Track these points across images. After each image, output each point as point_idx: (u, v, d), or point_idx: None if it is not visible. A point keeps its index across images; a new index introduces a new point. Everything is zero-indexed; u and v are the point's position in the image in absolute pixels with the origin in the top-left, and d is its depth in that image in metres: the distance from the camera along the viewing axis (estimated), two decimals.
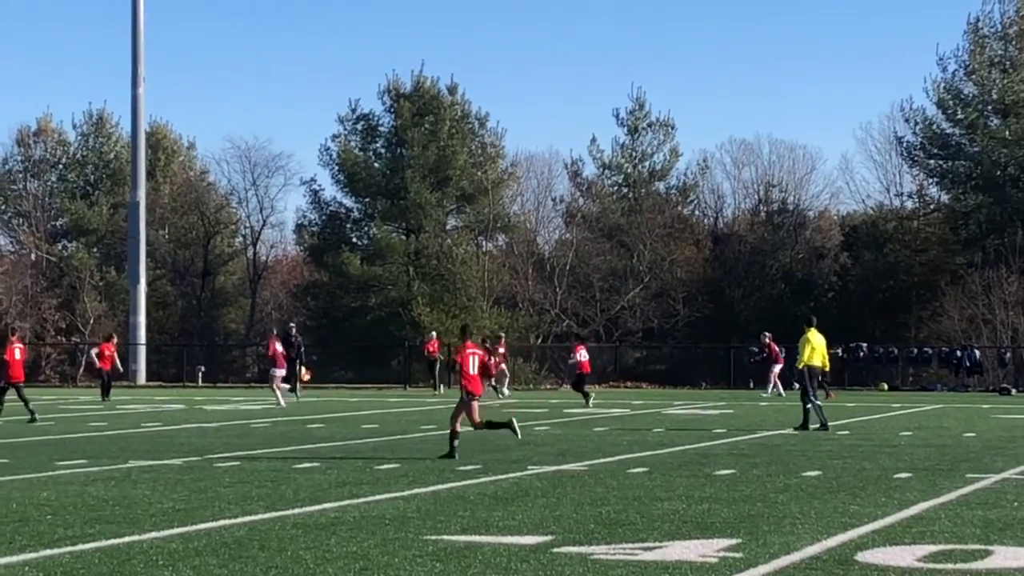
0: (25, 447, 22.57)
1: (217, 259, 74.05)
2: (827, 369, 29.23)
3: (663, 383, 55.38)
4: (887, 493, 15.71)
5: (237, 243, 76.49)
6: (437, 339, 48.52)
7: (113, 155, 74.72)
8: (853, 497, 15.26)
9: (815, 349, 26.96)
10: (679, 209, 73.20)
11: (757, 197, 73.27)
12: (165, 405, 36.86)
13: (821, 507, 14.35)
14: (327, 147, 69.33)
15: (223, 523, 13.10)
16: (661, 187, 73.72)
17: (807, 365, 26.78)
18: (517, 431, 20.57)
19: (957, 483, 16.77)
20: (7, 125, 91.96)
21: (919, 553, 11.45)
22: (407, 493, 15.60)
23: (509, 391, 44.20)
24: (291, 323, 51.05)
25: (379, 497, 15.19)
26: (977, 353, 53.26)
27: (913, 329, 63.06)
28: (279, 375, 37.45)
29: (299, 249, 74.66)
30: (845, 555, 11.36)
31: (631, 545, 11.84)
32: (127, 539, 12.14)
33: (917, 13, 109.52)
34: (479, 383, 20.46)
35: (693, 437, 24.63)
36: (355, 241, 69.82)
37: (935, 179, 68.40)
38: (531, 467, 18.60)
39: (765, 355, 44.85)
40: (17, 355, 31.36)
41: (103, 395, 41.04)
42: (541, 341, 64.94)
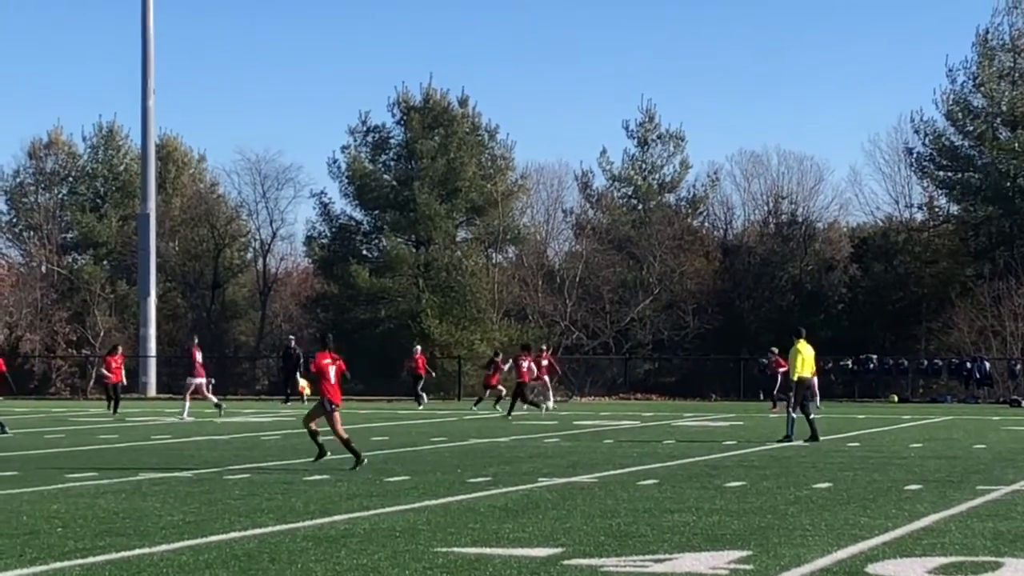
0: (35, 460, 22.58)
1: (227, 271, 74.13)
2: (815, 378, 29.57)
3: (673, 395, 55.39)
4: (897, 505, 15.68)
5: (247, 255, 76.59)
6: (422, 354, 47.94)
7: (123, 167, 74.82)
8: (863, 509, 15.24)
9: (805, 360, 27.00)
10: (689, 221, 73.26)
11: (766, 209, 73.39)
12: (175, 417, 36.85)
13: (831, 519, 14.33)
14: (336, 159, 69.57)
15: (234, 535, 13.09)
16: (671, 199, 73.85)
17: (800, 377, 26.88)
18: (358, 464, 20.14)
19: (967, 495, 16.74)
20: (19, 137, 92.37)
21: (929, 565, 11.43)
22: (417, 505, 15.59)
23: (554, 403, 42.71)
24: (290, 336, 51.00)
25: (389, 509, 15.19)
26: (987, 365, 53.20)
27: (923, 341, 62.95)
28: (194, 384, 37.65)
29: (309, 261, 74.67)
30: (855, 567, 11.34)
31: (642, 557, 11.82)
32: (137, 552, 12.13)
33: (926, 25, 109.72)
34: (338, 392, 20.97)
35: (703, 449, 24.61)
36: (365, 253, 69.81)
37: (944, 191, 68.39)
38: (541, 479, 18.59)
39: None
40: None
41: (113, 409, 40.70)
42: (551, 353, 64.72)
